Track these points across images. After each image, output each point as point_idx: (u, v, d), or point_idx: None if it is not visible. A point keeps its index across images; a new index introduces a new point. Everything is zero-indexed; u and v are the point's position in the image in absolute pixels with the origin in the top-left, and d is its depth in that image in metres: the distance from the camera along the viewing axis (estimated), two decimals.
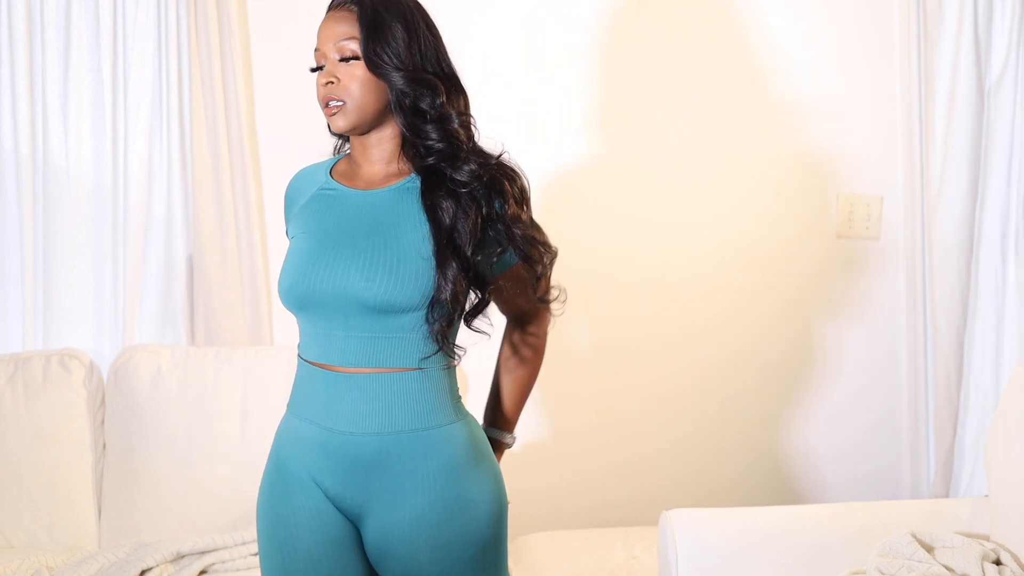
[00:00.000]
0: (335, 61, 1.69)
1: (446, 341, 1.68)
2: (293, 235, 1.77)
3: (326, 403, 1.70)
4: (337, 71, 1.68)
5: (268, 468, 1.79)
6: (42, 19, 2.77)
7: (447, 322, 1.67)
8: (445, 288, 1.65)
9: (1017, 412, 2.15)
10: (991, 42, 2.83)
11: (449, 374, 1.74)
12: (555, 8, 2.94)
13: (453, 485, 1.70)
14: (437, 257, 1.65)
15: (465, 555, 1.71)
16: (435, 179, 1.69)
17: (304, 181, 1.82)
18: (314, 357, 1.72)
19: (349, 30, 1.68)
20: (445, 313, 1.66)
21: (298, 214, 1.78)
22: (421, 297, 1.65)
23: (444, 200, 1.67)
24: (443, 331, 1.67)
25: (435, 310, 1.66)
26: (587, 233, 2.98)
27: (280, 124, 2.90)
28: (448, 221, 1.66)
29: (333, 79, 1.68)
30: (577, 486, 3.03)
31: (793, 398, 3.08)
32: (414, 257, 1.66)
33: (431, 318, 1.66)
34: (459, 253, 1.66)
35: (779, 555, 2.15)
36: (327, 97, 1.69)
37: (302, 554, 1.72)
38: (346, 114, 1.69)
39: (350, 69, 1.68)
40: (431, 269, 1.65)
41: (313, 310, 1.70)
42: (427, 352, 1.69)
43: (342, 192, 1.75)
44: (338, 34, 1.68)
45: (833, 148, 3.02)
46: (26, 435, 2.64)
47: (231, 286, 2.83)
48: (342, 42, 1.68)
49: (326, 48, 1.69)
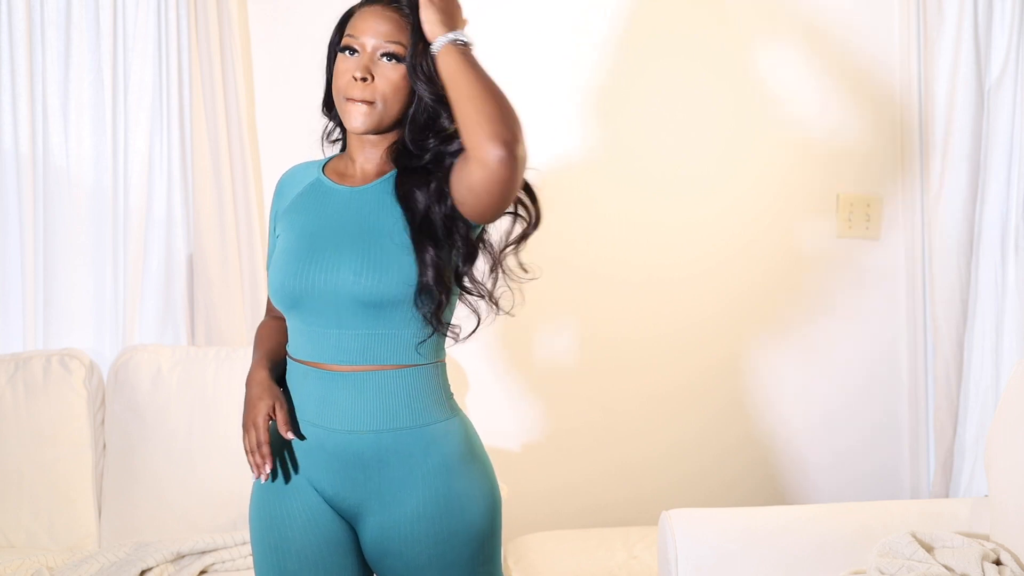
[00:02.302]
0: (374, 56, 1.68)
1: (439, 322, 1.68)
2: (280, 232, 1.77)
3: (321, 402, 1.70)
4: (374, 68, 1.68)
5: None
6: (42, 19, 2.77)
7: (436, 304, 1.67)
8: (427, 272, 1.65)
9: (1017, 412, 2.15)
10: (991, 42, 2.83)
11: (442, 371, 1.74)
12: (554, 5, 2.94)
13: (450, 481, 1.70)
14: (414, 242, 1.66)
15: (463, 550, 1.71)
16: (409, 170, 1.70)
17: (295, 177, 1.83)
18: (306, 356, 1.72)
19: (396, 32, 1.67)
20: (432, 296, 1.66)
21: (287, 211, 1.79)
22: (408, 287, 1.66)
23: (417, 189, 1.68)
24: (435, 313, 1.67)
25: (422, 295, 1.66)
26: (587, 233, 2.98)
27: (280, 124, 2.90)
28: (421, 207, 1.67)
29: (368, 76, 1.67)
30: (577, 486, 3.03)
31: (793, 398, 3.08)
32: (395, 249, 1.66)
33: (419, 303, 1.66)
34: (434, 236, 1.66)
35: (779, 555, 2.15)
36: (360, 95, 1.67)
37: (296, 555, 1.73)
38: (372, 115, 1.68)
39: (386, 70, 1.68)
40: (412, 257, 1.66)
41: (305, 308, 1.70)
42: (422, 337, 1.68)
43: (331, 189, 1.75)
44: (383, 32, 1.67)
45: (833, 148, 3.02)
46: (26, 435, 2.64)
47: (231, 286, 2.83)
48: (387, 41, 1.67)
49: (366, 40, 1.68)
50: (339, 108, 1.72)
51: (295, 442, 1.73)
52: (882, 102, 3.03)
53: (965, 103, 2.83)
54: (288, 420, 1.70)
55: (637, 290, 3.01)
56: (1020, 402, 2.15)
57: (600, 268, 2.99)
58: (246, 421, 1.73)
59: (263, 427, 1.71)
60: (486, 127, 1.58)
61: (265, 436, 1.71)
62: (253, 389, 1.74)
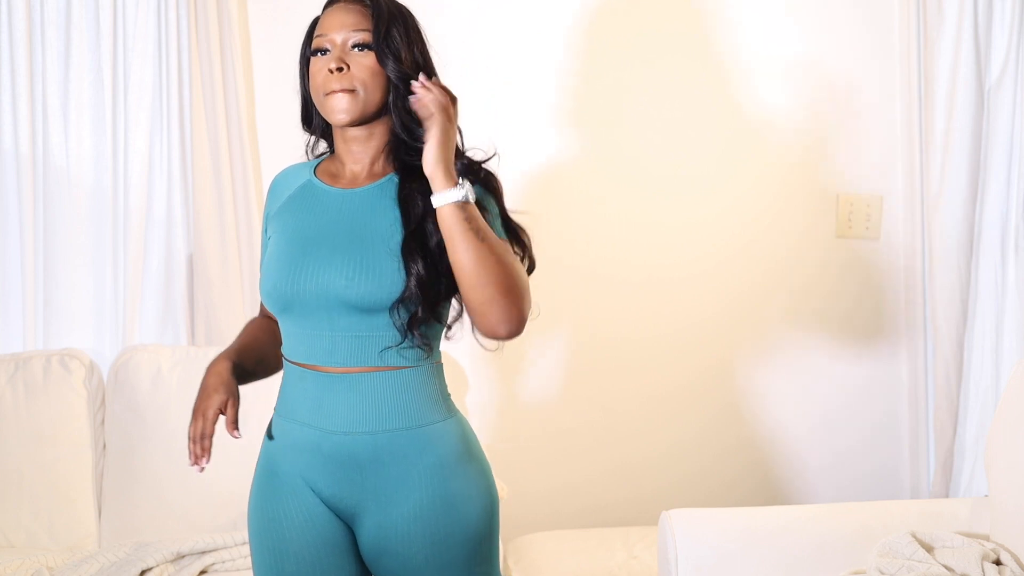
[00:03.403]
0: (345, 48, 1.69)
1: (411, 333, 1.66)
2: (272, 234, 1.77)
3: (317, 404, 1.70)
4: (348, 58, 1.68)
5: (258, 472, 1.79)
6: (42, 19, 2.78)
7: (410, 316, 1.65)
8: (408, 280, 1.64)
9: (1017, 412, 2.15)
10: (991, 42, 2.83)
11: (438, 371, 1.74)
12: (554, 4, 2.94)
13: (447, 482, 1.70)
14: (402, 247, 1.65)
15: (460, 550, 1.71)
16: (412, 176, 1.70)
17: (287, 179, 1.82)
18: (301, 358, 1.72)
19: (363, 21, 1.69)
20: (408, 307, 1.64)
21: (278, 212, 1.78)
22: (400, 293, 1.65)
23: (418, 194, 1.67)
24: (408, 325, 1.65)
25: (400, 304, 1.64)
26: (587, 234, 2.98)
27: (280, 124, 2.89)
28: (419, 212, 1.66)
29: (344, 65, 1.68)
30: (577, 486, 3.03)
31: (793, 398, 3.08)
32: (388, 253, 1.66)
33: (396, 313, 1.65)
34: (425, 244, 1.65)
35: (779, 555, 2.15)
36: (339, 84, 1.67)
37: (293, 556, 1.73)
38: (355, 103, 1.68)
39: (361, 59, 1.68)
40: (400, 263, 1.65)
41: (297, 311, 1.70)
42: (393, 343, 1.67)
43: (323, 191, 1.75)
44: (350, 23, 1.69)
45: (833, 148, 3.02)
46: (26, 435, 2.64)
47: (231, 286, 2.83)
48: (355, 31, 1.69)
49: (335, 35, 1.69)
50: (321, 107, 1.72)
51: (292, 444, 1.73)
52: (882, 102, 3.03)
53: (965, 103, 2.83)
54: (236, 419, 1.70)
55: (637, 290, 3.01)
56: (1020, 402, 2.15)
57: (600, 268, 2.99)
58: (196, 407, 1.72)
59: (211, 420, 1.71)
60: (493, 315, 1.60)
61: (211, 429, 1.71)
62: (211, 378, 1.74)
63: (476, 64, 2.89)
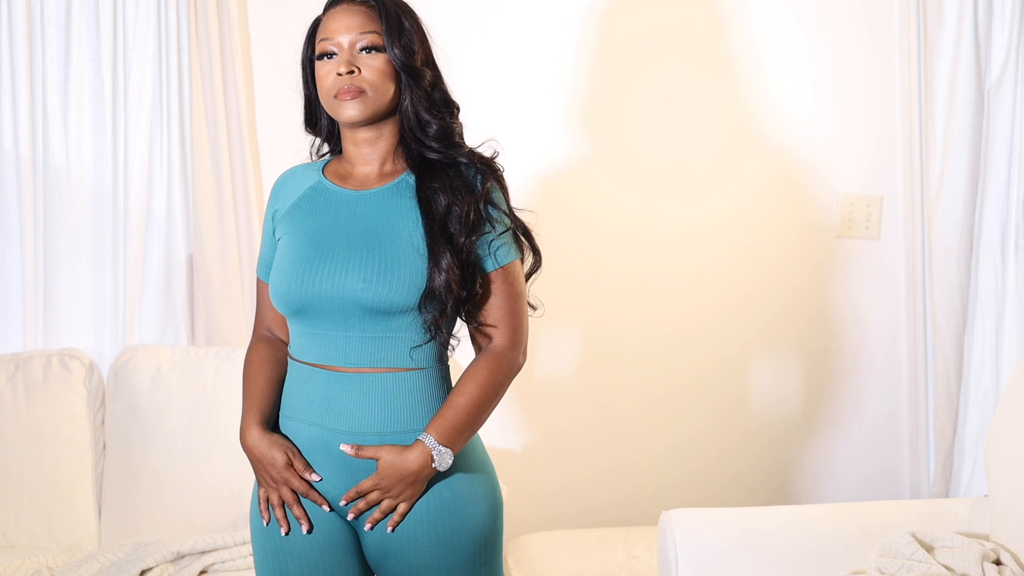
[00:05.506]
0: (352, 51, 1.69)
1: (439, 330, 1.67)
2: (282, 235, 1.76)
3: (326, 403, 1.70)
4: (356, 61, 1.68)
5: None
6: (42, 19, 2.77)
7: (440, 311, 1.66)
8: (438, 277, 1.64)
9: (1017, 412, 2.15)
10: (991, 42, 2.83)
11: (446, 374, 1.74)
12: (554, 4, 2.94)
13: (452, 483, 1.70)
14: (429, 246, 1.65)
15: (464, 551, 1.72)
16: (429, 174, 1.70)
17: (294, 179, 1.81)
18: (312, 358, 1.71)
19: (368, 23, 1.69)
20: (437, 303, 1.65)
21: (288, 214, 1.77)
22: (418, 294, 1.65)
23: (439, 192, 1.68)
24: (436, 320, 1.66)
25: (428, 300, 1.65)
26: (587, 234, 2.98)
27: (280, 124, 2.89)
28: (442, 211, 1.67)
29: (354, 68, 1.68)
30: (577, 486, 3.03)
31: (793, 398, 3.08)
32: (410, 254, 1.66)
33: (425, 308, 1.65)
34: (452, 240, 1.66)
35: (779, 555, 2.15)
36: (349, 87, 1.67)
37: (297, 558, 1.73)
38: (366, 103, 1.68)
39: (370, 60, 1.68)
40: (424, 262, 1.66)
41: (311, 313, 1.69)
42: (419, 342, 1.68)
43: (335, 192, 1.74)
44: (356, 25, 1.69)
45: (833, 148, 3.02)
46: (26, 435, 2.64)
47: (231, 286, 2.83)
48: (362, 33, 1.68)
49: (341, 38, 1.69)
50: (330, 109, 1.71)
51: (298, 443, 1.72)
52: (882, 102, 3.03)
53: (965, 103, 2.83)
54: (305, 464, 1.69)
55: (637, 290, 3.01)
56: (1020, 402, 2.15)
57: (600, 268, 2.99)
58: (268, 476, 1.70)
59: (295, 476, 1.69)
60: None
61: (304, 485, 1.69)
62: (255, 452, 1.70)
63: (481, 63, 2.89)
